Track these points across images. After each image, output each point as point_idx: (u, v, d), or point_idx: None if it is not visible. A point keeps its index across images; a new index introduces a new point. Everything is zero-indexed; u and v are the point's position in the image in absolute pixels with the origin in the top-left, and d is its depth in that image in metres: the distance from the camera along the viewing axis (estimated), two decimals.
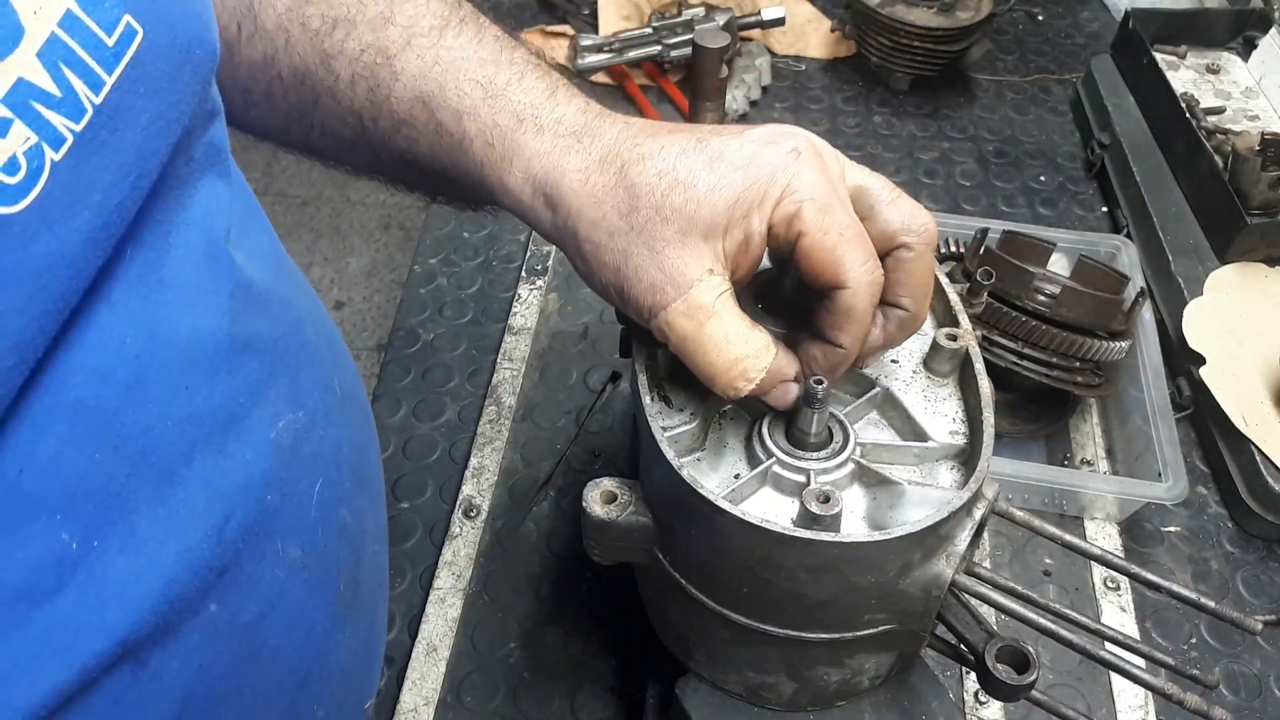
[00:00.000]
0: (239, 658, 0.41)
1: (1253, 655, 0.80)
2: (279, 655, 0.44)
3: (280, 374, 0.43)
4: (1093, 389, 0.87)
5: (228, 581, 0.39)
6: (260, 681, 0.43)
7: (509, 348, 1.00)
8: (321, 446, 0.46)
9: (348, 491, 0.49)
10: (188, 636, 0.37)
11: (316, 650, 0.47)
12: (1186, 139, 1.09)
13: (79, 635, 0.33)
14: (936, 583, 0.48)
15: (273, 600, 0.42)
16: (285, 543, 0.43)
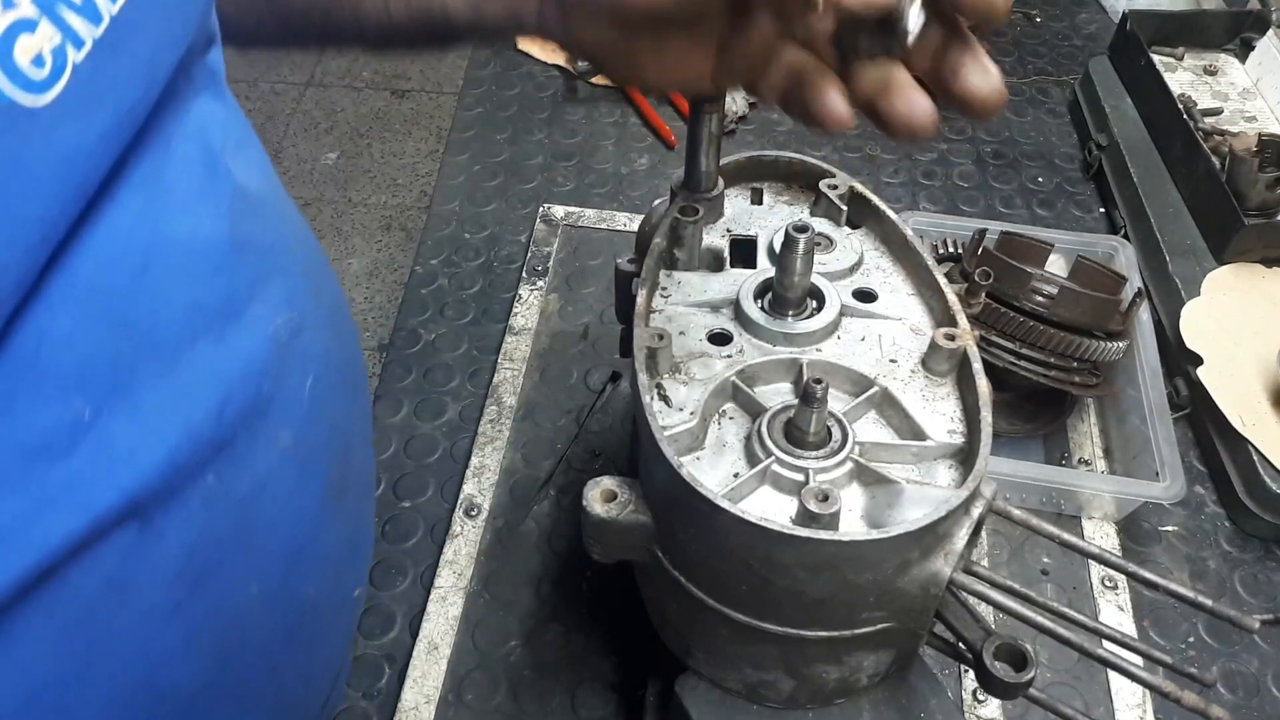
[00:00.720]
0: (235, 529, 0.44)
1: (1250, 654, 0.81)
2: (272, 531, 0.47)
3: (275, 275, 0.47)
4: (1090, 389, 0.88)
5: (225, 457, 0.43)
6: (255, 554, 0.46)
7: (510, 348, 1.01)
8: (312, 347, 0.49)
9: (336, 393, 0.53)
10: (188, 503, 0.41)
11: (306, 533, 0.50)
12: (1184, 140, 1.09)
13: (90, 490, 0.37)
14: (935, 581, 0.49)
15: (266, 480, 0.45)
16: (278, 429, 0.46)
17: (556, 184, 1.21)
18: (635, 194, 1.20)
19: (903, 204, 1.19)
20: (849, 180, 0.66)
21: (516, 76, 1.35)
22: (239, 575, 0.45)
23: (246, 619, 0.47)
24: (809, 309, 0.59)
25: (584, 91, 1.34)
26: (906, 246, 0.63)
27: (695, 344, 0.58)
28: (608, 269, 1.07)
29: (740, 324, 0.59)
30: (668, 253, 0.63)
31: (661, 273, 0.63)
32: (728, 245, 0.64)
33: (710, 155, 0.63)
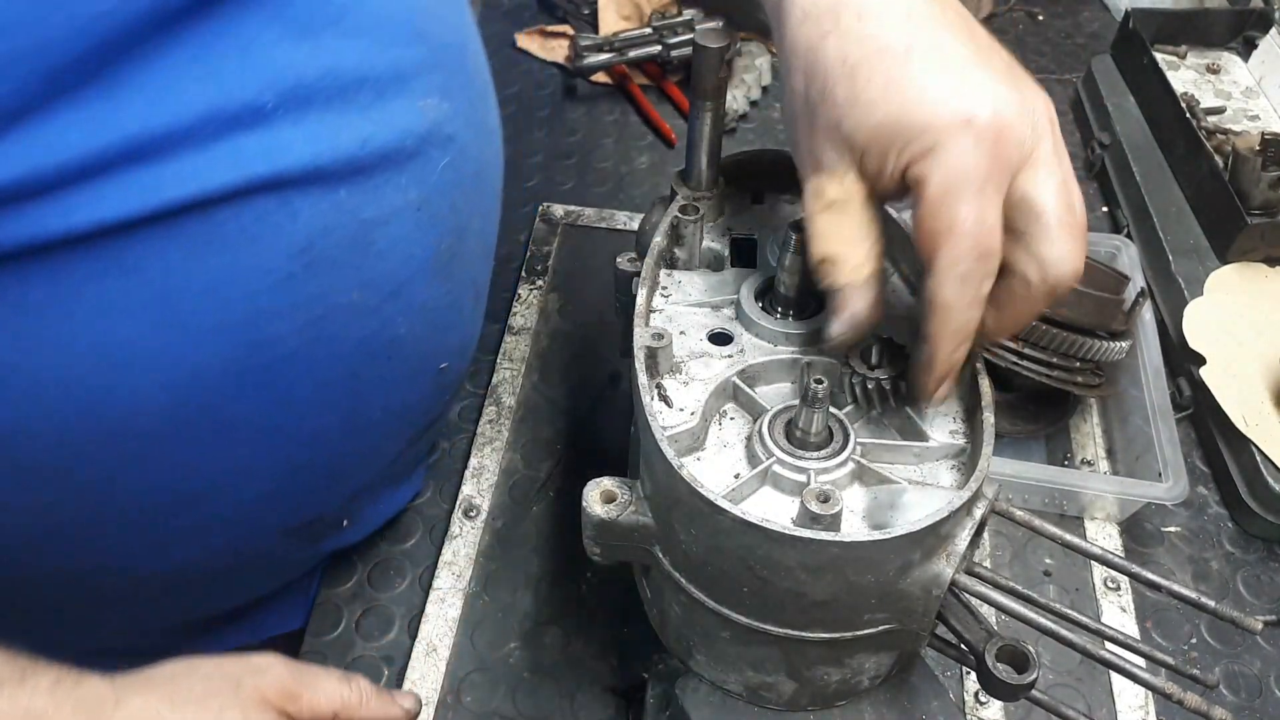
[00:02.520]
0: (351, 240, 0.55)
1: (1253, 655, 0.80)
2: (381, 259, 0.57)
3: (439, 69, 0.57)
4: (1093, 389, 0.87)
5: (359, 182, 0.53)
6: (361, 269, 0.56)
7: (509, 348, 1.00)
8: (454, 136, 0.59)
9: (466, 183, 0.63)
10: (320, 200, 0.52)
11: (407, 278, 0.60)
12: (1187, 139, 1.09)
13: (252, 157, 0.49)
14: (936, 582, 0.48)
15: (388, 217, 0.56)
16: (409, 183, 0.56)
17: (556, 183, 1.20)
18: (635, 193, 1.19)
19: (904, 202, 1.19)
20: None
21: (516, 75, 1.35)
22: (346, 279, 0.56)
23: (342, 320, 0.57)
24: (810, 308, 0.59)
25: (584, 90, 1.33)
26: (908, 245, 0.62)
27: (695, 344, 0.58)
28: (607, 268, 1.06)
29: (741, 323, 0.59)
30: (668, 252, 0.63)
31: (662, 272, 0.62)
32: (728, 244, 0.64)
33: (711, 153, 0.63)
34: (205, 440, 0.57)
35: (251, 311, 0.53)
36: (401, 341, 0.63)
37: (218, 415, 0.56)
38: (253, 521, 0.66)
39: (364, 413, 0.66)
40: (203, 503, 0.61)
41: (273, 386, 0.57)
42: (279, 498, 0.66)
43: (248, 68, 0.48)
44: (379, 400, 0.66)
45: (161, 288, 0.49)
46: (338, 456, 0.68)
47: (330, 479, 0.69)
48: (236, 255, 0.51)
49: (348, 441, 0.67)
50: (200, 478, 0.59)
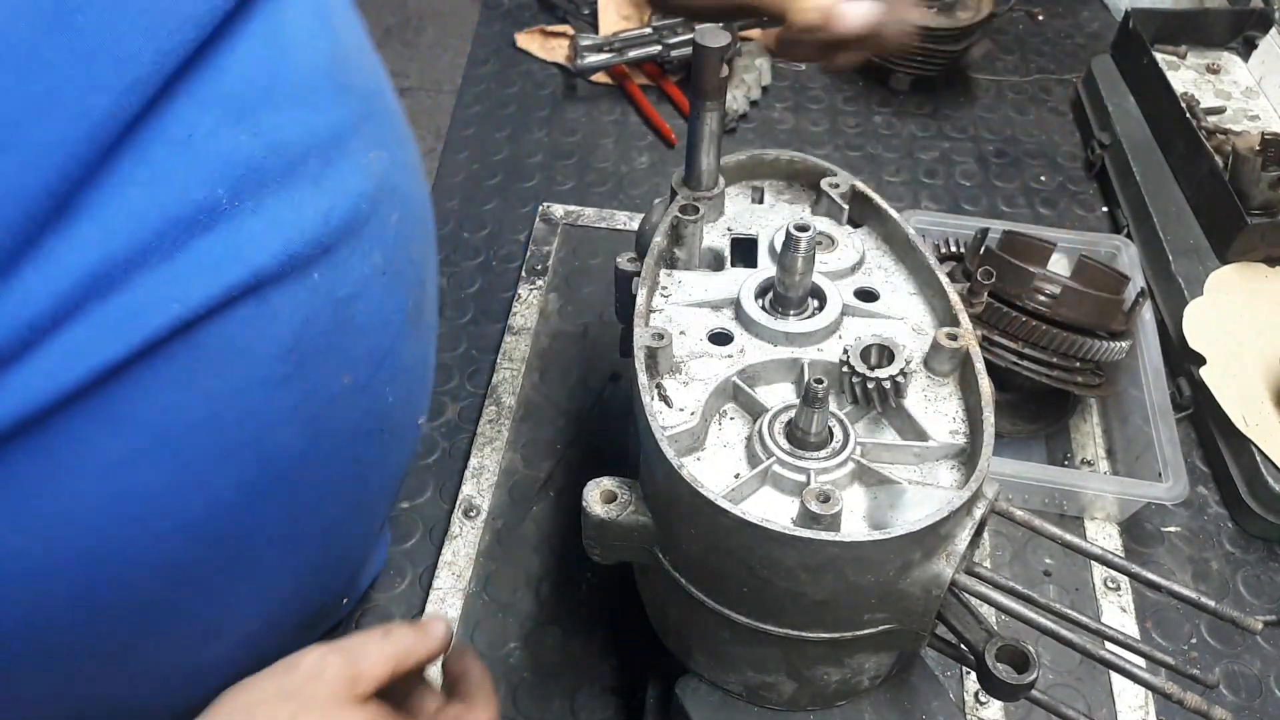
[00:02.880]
0: (334, 323, 0.53)
1: (1253, 655, 0.80)
2: (363, 334, 0.56)
3: (371, 119, 0.56)
4: (1093, 389, 0.87)
5: (328, 260, 0.51)
6: (348, 349, 0.55)
7: (509, 348, 1.00)
8: (398, 187, 0.58)
9: (415, 232, 0.62)
10: (297, 292, 0.50)
11: (389, 344, 0.59)
12: (1187, 139, 1.09)
13: (224, 262, 0.45)
14: (936, 582, 0.48)
15: (360, 289, 0.54)
16: (371, 247, 0.55)
17: (556, 182, 1.20)
18: (635, 193, 1.19)
19: (905, 203, 1.19)
20: (850, 179, 0.66)
21: (516, 75, 1.35)
22: (335, 364, 0.54)
23: (339, 407, 0.56)
24: (810, 308, 0.59)
25: (584, 90, 1.33)
26: (908, 246, 0.62)
27: (696, 344, 0.58)
28: (607, 268, 1.06)
29: (741, 324, 0.59)
30: (668, 252, 0.63)
31: (662, 272, 0.62)
32: (728, 244, 0.64)
33: (711, 153, 0.63)
34: (225, 566, 0.55)
35: (253, 427, 0.50)
36: (390, 410, 0.62)
37: (235, 539, 0.54)
38: (274, 627, 0.64)
39: (366, 492, 0.65)
40: (227, 626, 0.60)
41: (284, 496, 0.55)
42: (297, 599, 0.65)
43: (193, 164, 0.44)
44: (377, 476, 0.65)
45: (160, 426, 0.46)
46: (346, 541, 0.67)
47: (340, 565, 0.70)
48: (228, 372, 0.48)
49: (355, 524, 0.67)
50: (223, 603, 0.57)
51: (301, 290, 0.50)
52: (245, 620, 0.60)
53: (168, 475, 0.47)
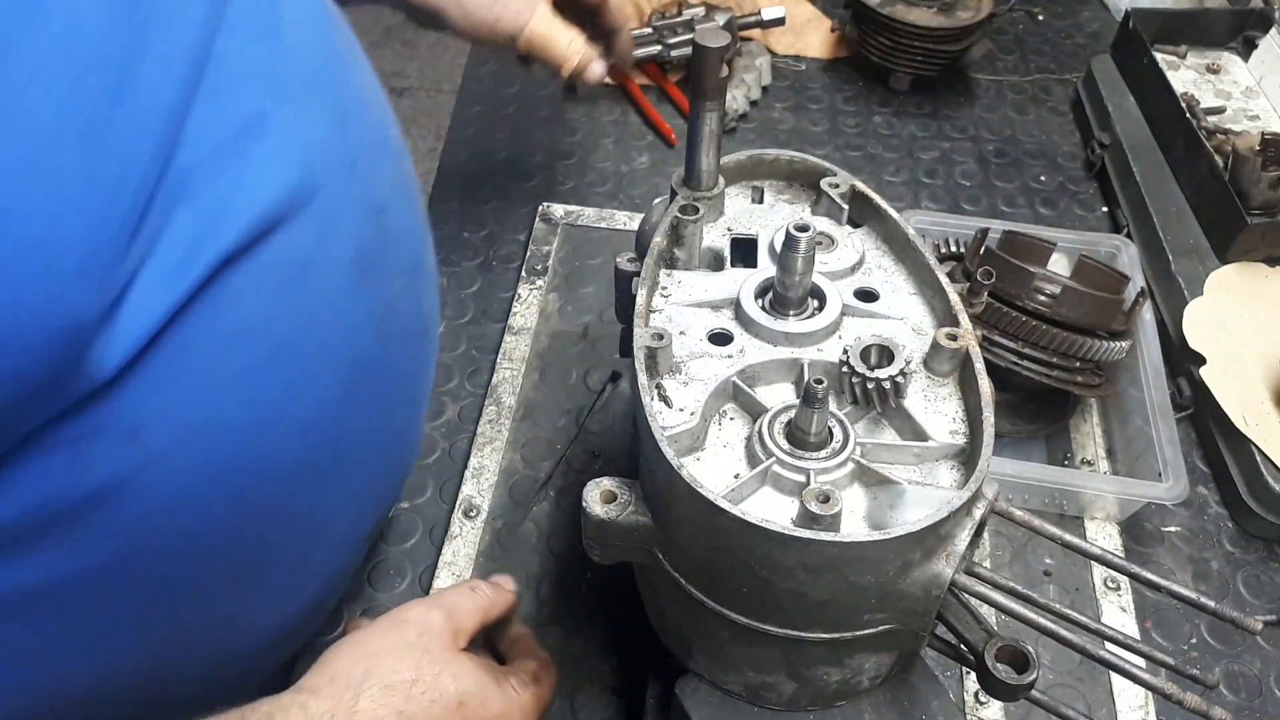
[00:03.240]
0: (378, 233, 0.57)
1: (1253, 655, 0.80)
2: (398, 243, 0.61)
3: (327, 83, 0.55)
4: (1093, 389, 0.87)
5: (364, 172, 0.55)
6: (393, 256, 0.59)
7: (509, 347, 1.00)
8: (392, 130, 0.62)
9: (402, 148, 0.65)
10: (351, 203, 0.54)
11: (417, 251, 0.65)
12: (1187, 139, 1.09)
13: (280, 167, 0.48)
14: (936, 582, 0.48)
15: (388, 198, 0.59)
16: (390, 159, 0.60)
17: (556, 182, 1.20)
18: (635, 193, 1.19)
19: (904, 203, 1.19)
20: (850, 179, 0.66)
21: (516, 75, 1.35)
22: (387, 272, 0.58)
23: (395, 312, 0.60)
24: (810, 309, 0.59)
25: (584, 90, 1.33)
26: (908, 245, 0.62)
27: (695, 344, 0.58)
28: (607, 268, 1.07)
29: (741, 324, 0.59)
30: (668, 252, 0.63)
31: (661, 272, 0.62)
32: (728, 244, 0.64)
33: (711, 153, 0.63)
34: (330, 468, 0.58)
35: (339, 332, 0.55)
36: (426, 314, 0.68)
37: (336, 440, 0.58)
38: (360, 532, 0.69)
39: (420, 392, 0.72)
40: (329, 531, 0.63)
41: (368, 397, 0.60)
42: (379, 499, 0.71)
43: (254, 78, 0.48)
44: (425, 377, 0.72)
45: (271, 334, 0.50)
46: (411, 440, 0.74)
47: (405, 465, 0.75)
48: (311, 282, 0.51)
49: (414, 425, 0.73)
50: (328, 505, 0.61)
51: (353, 201, 0.54)
52: (342, 524, 0.65)
53: (284, 380, 0.51)
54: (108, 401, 0.43)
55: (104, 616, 0.50)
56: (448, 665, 0.58)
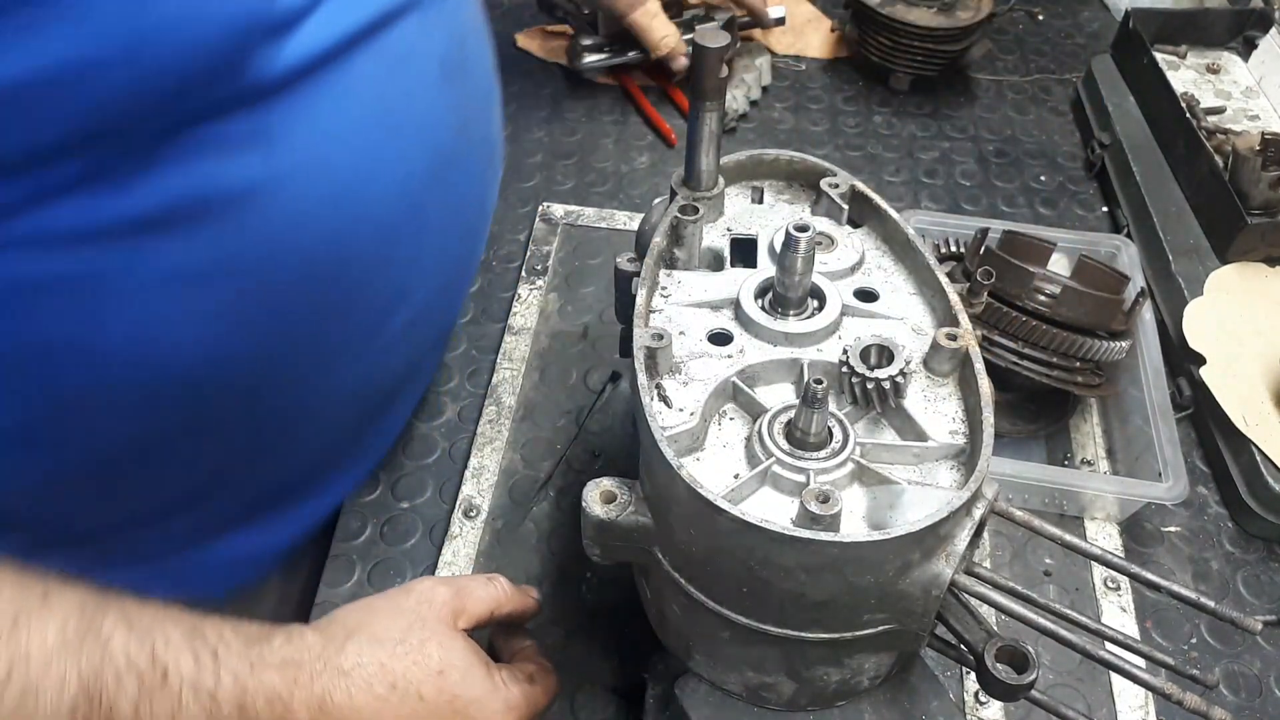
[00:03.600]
0: (460, 47, 0.68)
1: (1253, 655, 0.80)
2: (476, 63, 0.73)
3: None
4: (1093, 389, 0.87)
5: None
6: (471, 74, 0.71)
7: (509, 347, 1.00)
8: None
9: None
10: (439, 14, 0.64)
11: (489, 78, 0.76)
12: (1187, 139, 1.09)
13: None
14: (936, 583, 0.48)
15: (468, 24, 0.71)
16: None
17: (556, 182, 1.20)
18: (635, 192, 1.19)
19: (904, 203, 1.19)
20: (850, 179, 0.66)
21: (516, 75, 1.35)
22: (468, 82, 0.69)
23: (473, 122, 0.71)
24: (810, 309, 0.59)
25: (584, 90, 1.33)
26: (908, 246, 0.62)
27: (695, 344, 0.58)
28: (607, 268, 1.07)
29: (741, 324, 0.59)
30: (668, 252, 0.63)
31: (661, 272, 0.62)
32: (728, 244, 0.64)
33: (711, 153, 0.63)
34: (409, 240, 0.67)
35: (427, 120, 0.64)
36: (494, 140, 0.78)
37: (415, 217, 0.66)
38: (429, 322, 0.79)
39: (485, 207, 0.81)
40: (404, 304, 0.71)
41: (445, 187, 0.69)
42: (446, 295, 0.80)
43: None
44: (489, 197, 0.81)
45: (374, 103, 0.59)
46: (474, 248, 0.83)
47: (468, 276, 0.85)
48: (407, 70, 0.61)
49: (479, 235, 0.82)
50: (404, 277, 0.69)
51: (443, 18, 0.64)
52: (416, 299, 0.72)
53: (381, 143, 0.60)
54: (259, 109, 0.52)
55: (220, 308, 0.57)
56: (437, 635, 0.59)
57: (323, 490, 0.83)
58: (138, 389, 0.59)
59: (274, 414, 0.69)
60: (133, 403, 0.60)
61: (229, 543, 0.77)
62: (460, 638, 0.61)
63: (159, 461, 0.66)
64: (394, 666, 0.57)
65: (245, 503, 0.76)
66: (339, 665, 0.56)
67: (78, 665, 0.47)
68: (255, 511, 0.78)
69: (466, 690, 0.59)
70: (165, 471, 0.67)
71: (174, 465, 0.67)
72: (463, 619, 0.62)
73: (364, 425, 0.81)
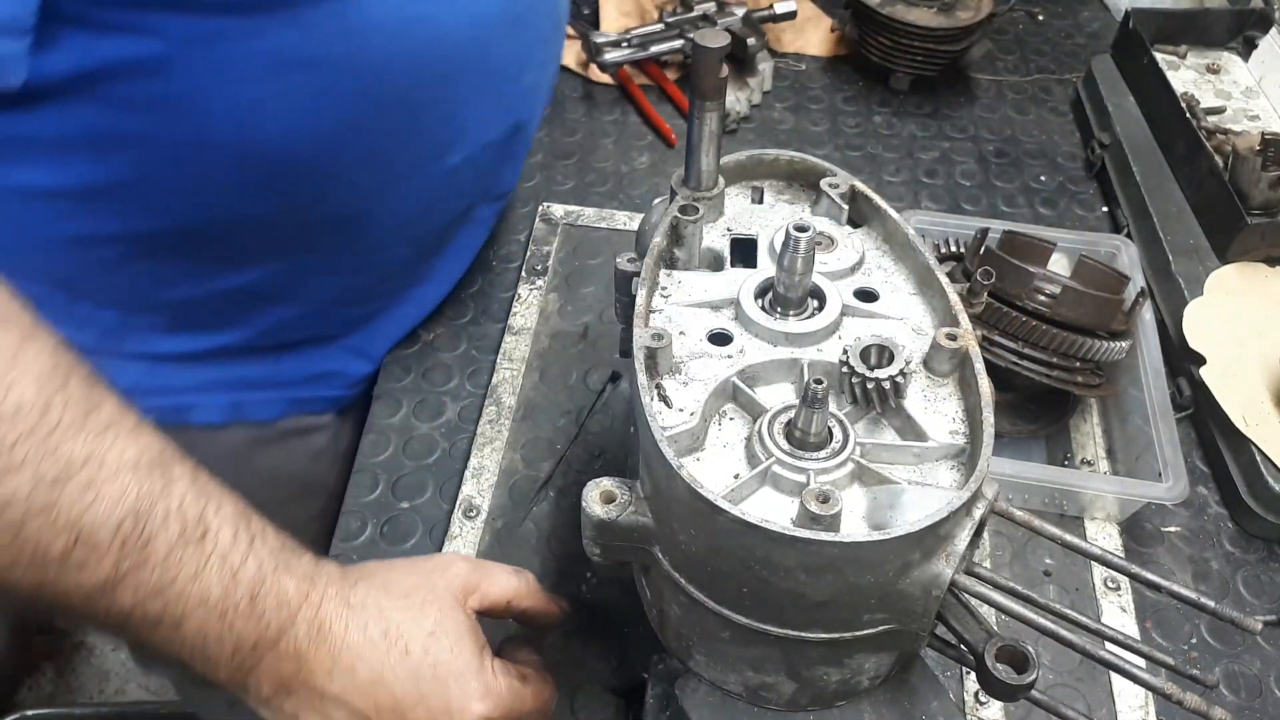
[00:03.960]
0: None
1: (1253, 655, 0.80)
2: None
3: None
4: (1093, 389, 0.87)
5: None
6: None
7: (509, 347, 1.00)
8: None
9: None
10: None
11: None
12: (1187, 139, 1.09)
13: None
14: (936, 583, 0.48)
15: None
16: None
17: (556, 182, 1.20)
18: (635, 193, 1.19)
19: (904, 203, 1.19)
20: (850, 179, 0.66)
21: None
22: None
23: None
24: (810, 309, 0.59)
25: (584, 90, 1.33)
26: (908, 246, 0.62)
27: (695, 344, 0.58)
28: (607, 268, 1.07)
29: (741, 324, 0.59)
30: (668, 252, 0.63)
31: (661, 272, 0.62)
32: (728, 244, 0.64)
33: (711, 153, 0.63)
34: (467, 84, 0.77)
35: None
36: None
37: (480, 62, 0.76)
38: (477, 171, 0.87)
39: (554, 49, 0.92)
40: (455, 146, 0.81)
41: (514, 38, 0.79)
42: (500, 152, 0.89)
43: None
44: (557, 45, 0.93)
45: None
46: (533, 109, 0.92)
47: (525, 137, 0.93)
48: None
49: (547, 69, 0.91)
50: (468, 110, 0.79)
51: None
52: (467, 148, 0.82)
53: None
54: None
55: (308, 95, 0.68)
56: (440, 601, 0.61)
57: (384, 319, 0.96)
58: (234, 161, 0.69)
59: (345, 211, 0.79)
60: (226, 174, 0.70)
61: (297, 359, 0.90)
62: (462, 612, 0.61)
63: (245, 237, 0.77)
64: (392, 616, 0.59)
65: (316, 308, 0.88)
66: (346, 598, 0.58)
67: (139, 488, 0.51)
68: (319, 326, 0.90)
69: (452, 660, 0.59)
70: (250, 250, 0.78)
71: (257, 245, 0.78)
72: (475, 598, 0.63)
73: (419, 259, 0.93)
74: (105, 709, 1.89)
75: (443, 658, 0.59)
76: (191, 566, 0.52)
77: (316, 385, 0.95)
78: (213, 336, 0.85)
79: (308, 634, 0.56)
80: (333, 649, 0.57)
